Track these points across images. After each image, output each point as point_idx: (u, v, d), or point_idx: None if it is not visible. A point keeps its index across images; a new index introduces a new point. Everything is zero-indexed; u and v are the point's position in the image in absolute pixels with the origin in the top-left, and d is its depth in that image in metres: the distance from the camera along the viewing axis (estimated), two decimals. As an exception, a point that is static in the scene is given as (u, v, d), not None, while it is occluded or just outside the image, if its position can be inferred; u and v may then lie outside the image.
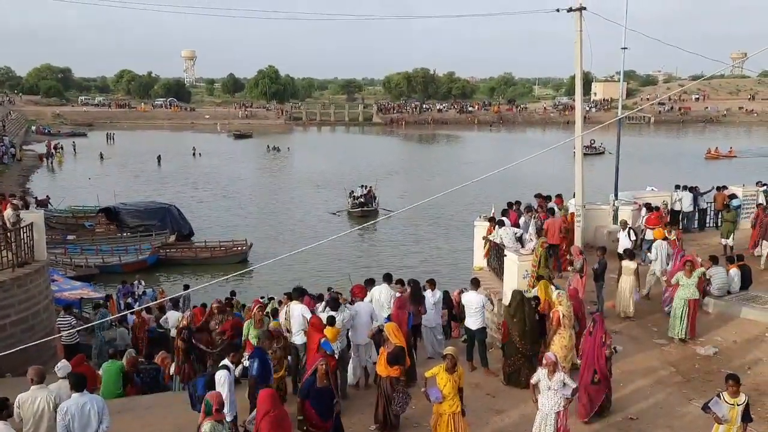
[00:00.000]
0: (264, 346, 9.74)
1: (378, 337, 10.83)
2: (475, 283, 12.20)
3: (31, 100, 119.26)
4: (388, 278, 12.33)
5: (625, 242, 15.16)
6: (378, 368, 9.55)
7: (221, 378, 8.48)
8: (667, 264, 14.67)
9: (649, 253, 15.39)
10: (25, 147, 68.60)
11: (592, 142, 63.15)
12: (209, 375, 8.81)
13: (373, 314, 11.15)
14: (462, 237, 30.10)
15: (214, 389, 8.20)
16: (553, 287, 11.84)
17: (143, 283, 23.16)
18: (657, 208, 18.13)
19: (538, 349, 10.95)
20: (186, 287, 20.86)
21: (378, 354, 10.26)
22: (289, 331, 11.00)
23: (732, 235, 17.77)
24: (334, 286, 19.75)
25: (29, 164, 58.62)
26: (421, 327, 12.66)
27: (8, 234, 15.11)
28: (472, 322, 11.75)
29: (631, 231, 15.82)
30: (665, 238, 15.55)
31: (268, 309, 14.46)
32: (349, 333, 11.15)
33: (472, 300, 11.78)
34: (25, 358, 11.69)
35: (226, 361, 8.86)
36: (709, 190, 21.35)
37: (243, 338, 11.17)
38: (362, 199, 39.00)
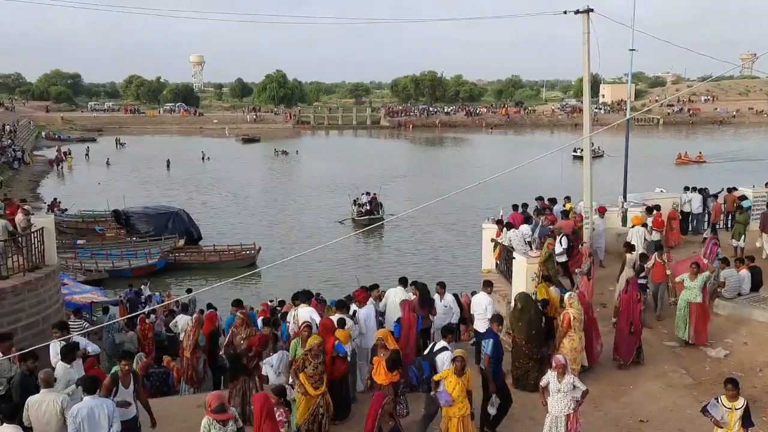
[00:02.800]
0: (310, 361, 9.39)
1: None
2: (488, 286, 12.08)
3: (41, 105, 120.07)
4: (403, 281, 12.23)
5: (558, 248, 14.69)
6: (377, 377, 9.27)
7: (445, 358, 9.18)
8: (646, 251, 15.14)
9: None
10: (36, 152, 69.14)
11: (591, 145, 61.44)
12: (431, 359, 9.44)
13: (384, 316, 11.10)
14: (471, 240, 30.05)
15: (436, 371, 9.13)
16: (554, 289, 11.83)
17: (149, 285, 23.26)
18: (658, 208, 18.11)
19: (544, 352, 10.92)
20: (189, 291, 20.94)
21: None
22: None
23: (743, 237, 17.68)
24: (339, 291, 19.75)
25: (39, 169, 59.07)
26: (430, 330, 12.60)
27: (19, 239, 15.23)
28: (481, 324, 11.69)
29: (564, 237, 15.09)
30: (644, 225, 16.26)
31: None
32: (358, 339, 11.16)
33: (480, 302, 11.74)
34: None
35: (444, 342, 9.44)
36: (719, 192, 21.28)
37: (290, 356, 10.33)
38: (368, 207, 38.30)
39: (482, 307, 11.64)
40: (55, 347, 9.58)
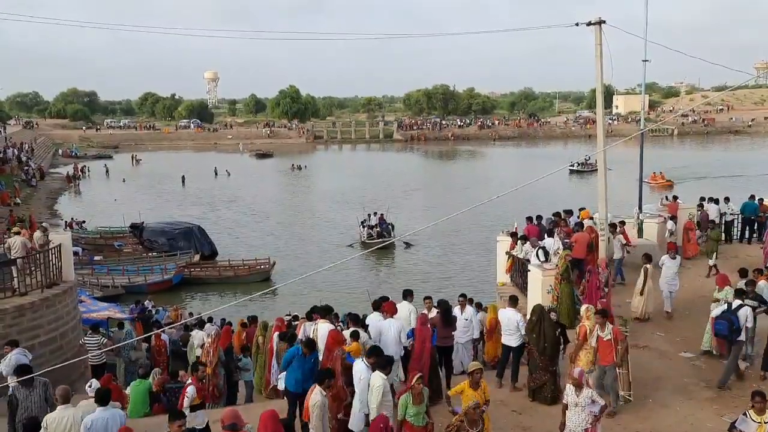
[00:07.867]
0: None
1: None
2: (514, 301, 11.91)
3: (58, 123, 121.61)
4: (407, 294, 11.91)
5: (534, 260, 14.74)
6: None
7: (747, 312, 10.97)
8: None
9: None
10: (52, 170, 70.04)
11: (587, 158, 58.10)
12: (735, 314, 10.94)
13: (402, 331, 11.05)
14: (485, 253, 29.92)
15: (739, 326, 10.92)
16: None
17: (152, 303, 23.55)
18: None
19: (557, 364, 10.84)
20: (190, 314, 21.05)
21: (404, 373, 10.20)
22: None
23: (715, 255, 17.06)
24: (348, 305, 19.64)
25: (56, 186, 59.76)
26: (453, 347, 12.34)
27: (37, 256, 15.42)
28: (511, 339, 11.51)
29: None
30: (590, 218, 16.92)
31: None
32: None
33: (510, 318, 11.52)
34: (53, 378, 11.81)
35: (740, 300, 11.16)
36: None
37: (399, 416, 8.62)
38: (378, 229, 36.74)
39: (513, 323, 11.38)
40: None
